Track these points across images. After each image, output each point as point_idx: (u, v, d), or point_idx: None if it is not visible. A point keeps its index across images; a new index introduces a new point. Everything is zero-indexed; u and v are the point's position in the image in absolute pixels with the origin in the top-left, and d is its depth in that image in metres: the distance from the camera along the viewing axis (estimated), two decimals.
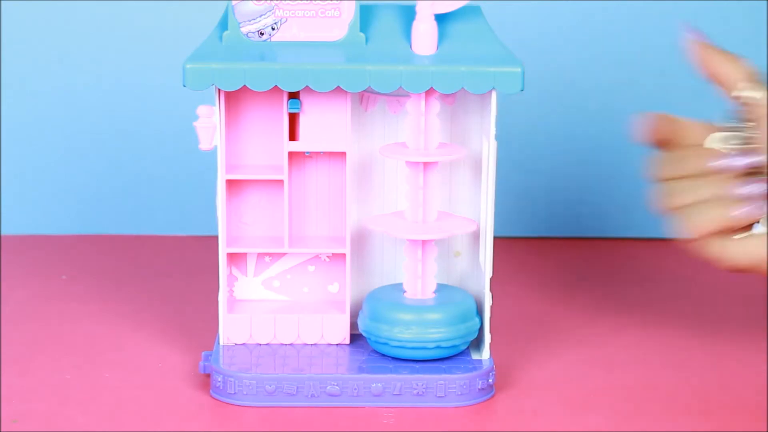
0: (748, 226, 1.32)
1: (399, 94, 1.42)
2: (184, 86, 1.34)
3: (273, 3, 1.38)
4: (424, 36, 1.38)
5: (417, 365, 1.39)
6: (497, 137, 1.38)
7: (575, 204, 1.96)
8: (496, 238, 1.52)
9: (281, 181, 1.43)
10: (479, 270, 1.44)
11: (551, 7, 1.91)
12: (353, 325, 1.46)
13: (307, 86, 1.34)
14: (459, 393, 1.36)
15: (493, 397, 1.38)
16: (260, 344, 1.43)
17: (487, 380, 1.38)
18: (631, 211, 1.95)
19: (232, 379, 1.35)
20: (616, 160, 1.95)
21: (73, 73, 1.91)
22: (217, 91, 1.37)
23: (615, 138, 1.92)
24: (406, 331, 1.38)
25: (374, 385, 1.35)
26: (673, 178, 1.35)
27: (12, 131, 1.93)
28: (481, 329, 1.42)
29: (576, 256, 1.88)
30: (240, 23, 1.39)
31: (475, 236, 1.47)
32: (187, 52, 1.42)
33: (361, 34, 1.39)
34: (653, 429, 1.32)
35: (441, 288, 1.45)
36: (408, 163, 1.41)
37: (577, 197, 1.95)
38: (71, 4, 1.90)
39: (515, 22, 1.87)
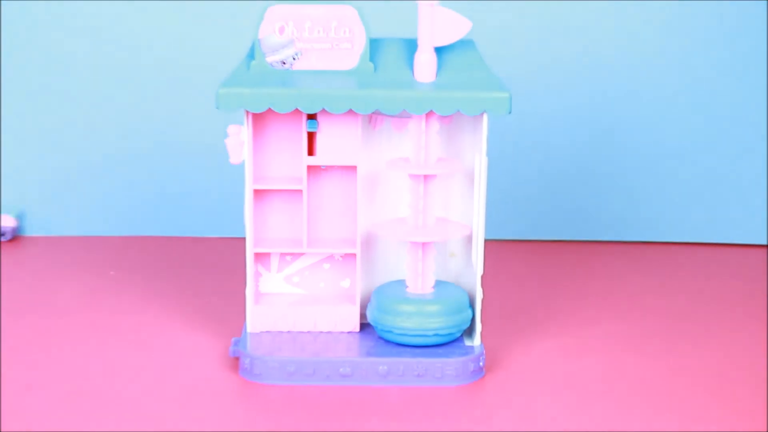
0: None
1: (403, 116, 1.42)
2: (217, 108, 1.34)
3: (294, 37, 1.38)
4: (425, 65, 1.38)
5: (418, 350, 1.38)
6: (488, 153, 1.38)
7: (557, 210, 1.93)
8: (486, 241, 1.54)
9: (300, 191, 1.43)
10: (472, 268, 1.44)
11: (538, 32, 1.88)
12: (362, 315, 1.46)
13: (323, 109, 1.34)
14: (454, 374, 1.36)
15: (483, 378, 1.38)
16: (282, 332, 1.43)
17: (479, 363, 1.38)
18: (609, 216, 1.92)
19: (258, 362, 1.35)
20: (595, 172, 1.91)
21: (124, 101, 1.89)
22: (246, 112, 1.36)
23: (593, 153, 1.91)
24: (408, 321, 1.38)
25: (381, 367, 1.35)
26: None
27: (69, 144, 1.91)
28: (473, 319, 1.42)
29: (558, 256, 1.86)
30: (265, 54, 1.38)
31: (469, 239, 1.46)
32: (218, 79, 1.41)
33: (371, 64, 1.39)
34: (622, 406, 1.31)
35: (439, 284, 1.44)
36: (410, 175, 1.41)
37: (559, 205, 1.92)
38: (112, 33, 1.88)
39: (504, 52, 1.83)
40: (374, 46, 1.43)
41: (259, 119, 1.42)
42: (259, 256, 1.46)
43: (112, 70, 1.89)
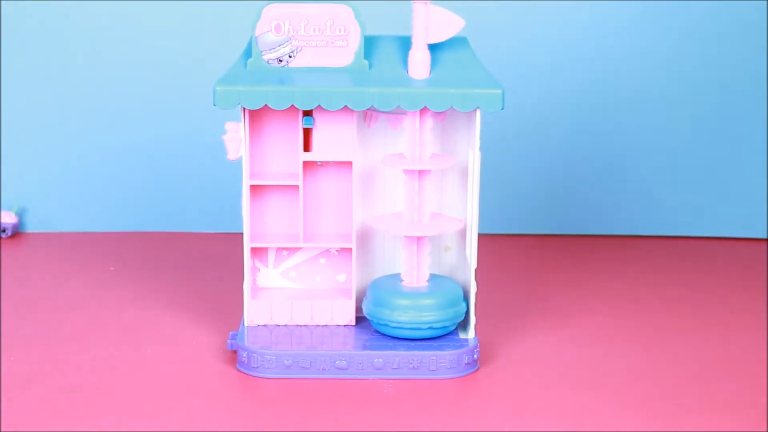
0: None
1: (398, 112, 1.42)
2: (214, 105, 1.34)
3: (290, 35, 1.38)
4: (419, 62, 1.39)
5: (413, 343, 1.39)
6: (481, 148, 1.38)
7: (551, 205, 1.93)
8: (480, 235, 1.52)
9: (297, 187, 1.44)
10: (466, 262, 1.44)
11: (530, 33, 1.89)
12: (358, 309, 1.46)
13: (319, 105, 1.35)
14: (448, 367, 1.37)
15: (477, 370, 1.39)
16: (279, 325, 1.43)
17: (473, 356, 1.38)
18: (604, 210, 1.93)
19: (256, 355, 1.36)
20: (589, 166, 1.92)
21: (123, 98, 1.90)
22: (243, 109, 1.37)
23: (587, 147, 1.91)
24: (404, 314, 1.39)
25: (376, 360, 1.36)
26: None
27: (68, 141, 1.91)
28: (467, 312, 1.42)
29: (552, 250, 1.87)
30: (262, 52, 1.39)
31: (463, 233, 1.46)
32: (216, 77, 1.43)
33: (365, 61, 1.40)
34: (616, 399, 1.32)
35: (433, 277, 1.45)
36: (405, 171, 1.41)
37: (552, 199, 1.93)
38: (117, 32, 1.89)
39: (496, 49, 1.84)
40: (369, 43, 1.43)
41: (255, 116, 1.42)
42: (256, 251, 1.47)
43: (111, 67, 1.90)
